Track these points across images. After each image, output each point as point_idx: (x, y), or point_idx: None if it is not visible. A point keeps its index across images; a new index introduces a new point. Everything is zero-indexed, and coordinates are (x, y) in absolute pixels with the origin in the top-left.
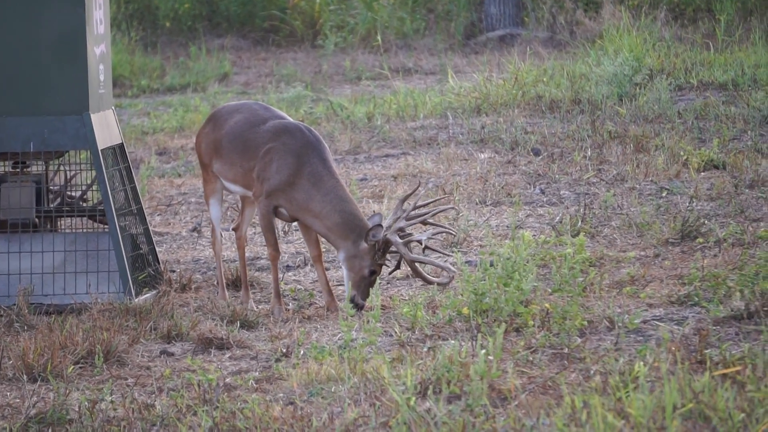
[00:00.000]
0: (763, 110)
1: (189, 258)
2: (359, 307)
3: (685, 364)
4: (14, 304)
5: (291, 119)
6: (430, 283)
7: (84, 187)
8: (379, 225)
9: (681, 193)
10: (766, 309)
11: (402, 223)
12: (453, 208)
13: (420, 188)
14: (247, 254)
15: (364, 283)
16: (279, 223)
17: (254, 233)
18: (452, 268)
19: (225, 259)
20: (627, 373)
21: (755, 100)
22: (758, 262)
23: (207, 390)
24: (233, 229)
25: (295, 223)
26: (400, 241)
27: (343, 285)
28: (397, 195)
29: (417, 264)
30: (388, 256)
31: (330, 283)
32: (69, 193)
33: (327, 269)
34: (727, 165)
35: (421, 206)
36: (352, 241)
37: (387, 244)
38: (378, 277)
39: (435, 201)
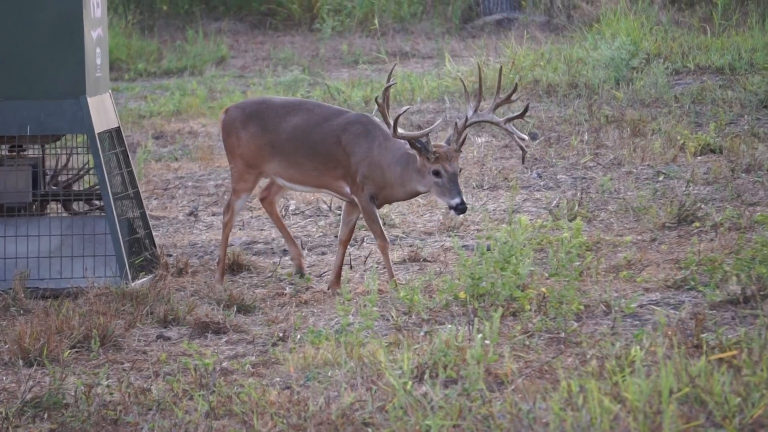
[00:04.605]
0: (759, 94)
1: (186, 242)
2: (460, 209)
3: (681, 348)
4: (10, 288)
5: (349, 111)
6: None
7: (80, 172)
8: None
9: (678, 178)
10: (762, 293)
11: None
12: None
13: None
14: (244, 238)
15: (443, 186)
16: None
17: (251, 217)
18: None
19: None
20: (623, 358)
21: (752, 84)
22: (755, 246)
23: (203, 374)
24: (261, 199)
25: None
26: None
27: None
28: None
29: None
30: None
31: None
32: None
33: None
34: (724, 149)
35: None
36: (411, 171)
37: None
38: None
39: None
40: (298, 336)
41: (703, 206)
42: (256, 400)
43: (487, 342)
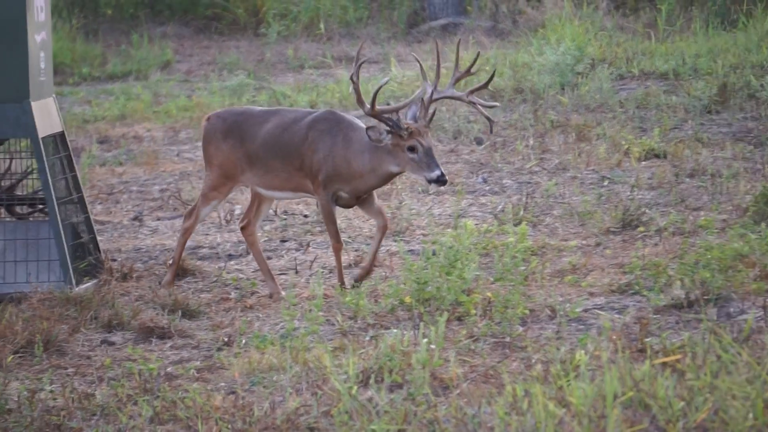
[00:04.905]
0: (703, 99)
1: (130, 247)
2: (442, 181)
3: (625, 352)
4: None
5: (323, 110)
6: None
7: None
8: (369, 127)
9: (622, 182)
10: (705, 298)
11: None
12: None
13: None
14: (189, 243)
15: (421, 161)
16: (221, 212)
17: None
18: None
19: (168, 248)
20: (568, 362)
21: (696, 90)
22: (698, 251)
23: (148, 379)
24: (241, 228)
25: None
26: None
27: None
28: None
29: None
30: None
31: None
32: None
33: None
34: (668, 154)
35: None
36: (381, 154)
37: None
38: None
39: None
40: (243, 341)
41: (647, 211)
42: (200, 405)
43: (432, 346)
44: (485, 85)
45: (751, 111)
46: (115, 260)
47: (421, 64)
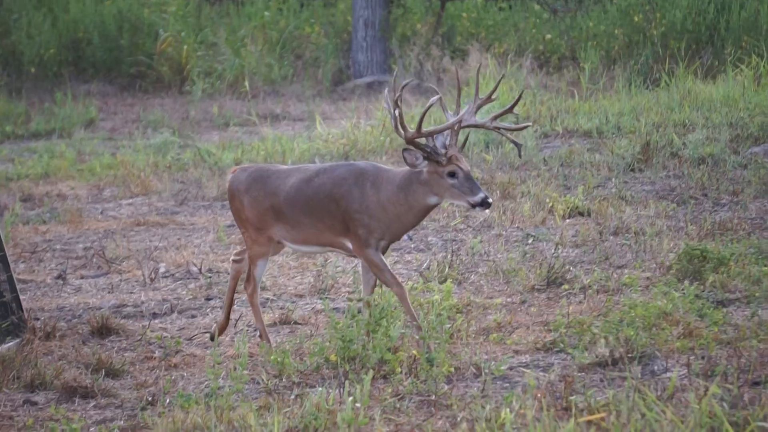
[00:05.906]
0: (626, 158)
1: (54, 306)
2: (488, 203)
3: (550, 410)
4: None
5: (343, 163)
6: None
7: None
8: (406, 149)
9: (547, 240)
10: (630, 355)
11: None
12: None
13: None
14: (113, 301)
15: (462, 186)
16: (145, 270)
17: (120, 280)
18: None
19: (92, 306)
20: (493, 420)
21: (619, 148)
22: (622, 308)
23: None
24: (233, 260)
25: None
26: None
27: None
28: None
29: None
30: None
31: None
32: None
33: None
34: (592, 212)
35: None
36: (416, 188)
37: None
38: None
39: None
40: (168, 400)
41: (571, 269)
42: None
43: (357, 405)
44: (510, 110)
45: (674, 169)
46: (38, 319)
47: (459, 82)
